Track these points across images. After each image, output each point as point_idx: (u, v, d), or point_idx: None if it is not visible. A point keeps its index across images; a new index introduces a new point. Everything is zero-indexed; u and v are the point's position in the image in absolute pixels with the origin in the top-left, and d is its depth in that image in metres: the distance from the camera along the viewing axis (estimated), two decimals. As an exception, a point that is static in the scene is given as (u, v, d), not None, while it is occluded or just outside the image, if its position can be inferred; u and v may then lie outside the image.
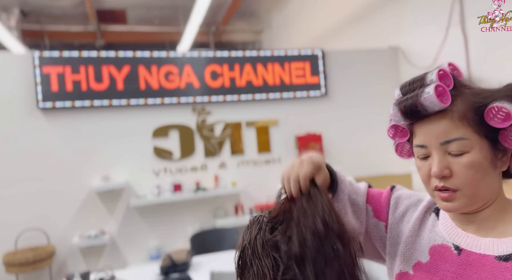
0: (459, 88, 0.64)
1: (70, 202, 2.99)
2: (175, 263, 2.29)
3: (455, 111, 0.62)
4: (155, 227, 3.18)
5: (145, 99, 3.16)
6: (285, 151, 3.50)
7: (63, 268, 2.94)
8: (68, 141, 3.01)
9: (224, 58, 3.38)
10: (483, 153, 0.61)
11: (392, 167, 3.68)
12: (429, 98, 0.61)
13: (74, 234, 2.97)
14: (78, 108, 3.02)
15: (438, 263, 0.67)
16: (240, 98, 3.39)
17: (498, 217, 0.64)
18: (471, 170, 0.61)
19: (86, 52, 3.06)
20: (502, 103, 0.59)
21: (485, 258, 0.62)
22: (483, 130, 0.61)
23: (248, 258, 0.65)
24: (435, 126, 0.63)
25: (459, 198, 0.63)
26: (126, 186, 3.09)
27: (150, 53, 3.19)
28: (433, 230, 0.71)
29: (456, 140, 0.61)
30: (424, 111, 0.63)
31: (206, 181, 3.30)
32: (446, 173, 0.62)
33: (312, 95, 3.56)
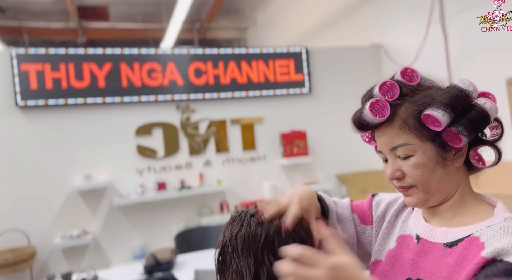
0: (406, 96, 0.69)
1: (51, 202, 2.93)
2: (159, 262, 2.28)
3: (397, 120, 0.68)
4: (139, 226, 3.15)
5: (128, 97, 3.12)
6: (270, 149, 3.51)
7: (45, 269, 2.88)
8: (48, 140, 2.95)
9: (208, 55, 3.36)
10: (427, 155, 0.67)
11: (375, 164, 3.73)
12: (366, 114, 0.70)
13: (55, 235, 2.92)
14: (59, 106, 2.96)
15: (402, 250, 0.74)
16: (225, 96, 3.37)
17: (458, 209, 0.70)
18: (417, 171, 0.67)
19: (65, 49, 2.99)
20: (431, 110, 0.64)
21: (436, 246, 0.68)
22: (424, 134, 0.66)
23: (228, 255, 0.65)
24: (383, 134, 0.71)
25: (416, 193, 0.70)
26: (109, 185, 3.05)
27: (135, 50, 3.15)
28: (405, 221, 0.78)
29: (399, 146, 0.68)
30: (368, 124, 0.71)
31: (191, 180, 3.28)
32: (398, 175, 0.70)
33: (296, 93, 3.57)
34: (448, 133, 0.65)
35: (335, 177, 3.63)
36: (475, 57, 2.74)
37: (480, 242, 0.62)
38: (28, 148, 2.89)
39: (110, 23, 6.09)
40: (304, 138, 3.49)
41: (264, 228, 0.64)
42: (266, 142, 3.51)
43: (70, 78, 2.98)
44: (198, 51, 3.34)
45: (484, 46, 2.65)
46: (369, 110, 0.69)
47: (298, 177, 3.57)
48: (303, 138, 3.49)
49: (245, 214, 0.69)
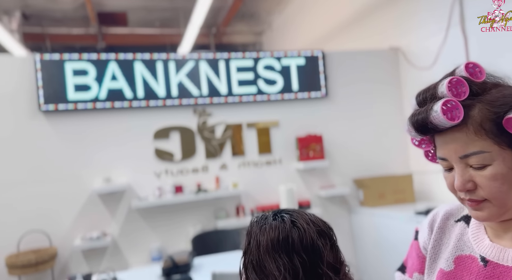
0: (477, 94, 0.61)
1: (72, 204, 3.00)
2: (176, 265, 2.30)
3: (471, 123, 0.59)
4: (157, 228, 3.19)
5: (147, 101, 3.17)
6: (286, 152, 3.51)
7: (65, 270, 2.94)
8: (70, 144, 3.02)
9: (225, 59, 3.39)
10: (507, 164, 0.58)
11: (393, 168, 3.68)
12: (437, 116, 0.59)
13: (76, 236, 2.98)
14: (80, 110, 3.04)
15: (463, 274, 0.65)
16: (243, 100, 3.40)
17: None
18: (495, 183, 0.58)
19: (87, 54, 3.07)
20: None
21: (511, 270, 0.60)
22: (504, 140, 0.57)
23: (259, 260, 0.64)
24: (452, 140, 0.61)
25: (489, 207, 0.61)
26: (128, 188, 3.11)
27: (150, 55, 3.21)
28: (461, 239, 0.69)
29: (474, 154, 0.59)
30: (436, 128, 0.61)
31: (207, 183, 3.31)
32: (470, 186, 0.61)
33: (313, 96, 3.57)
34: None
35: (351, 182, 3.59)
36: (496, 60, 2.68)
37: None
38: (50, 152, 2.97)
39: (129, 28, 6.22)
40: (320, 142, 3.48)
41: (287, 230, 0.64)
42: (282, 146, 3.50)
43: (91, 82, 3.06)
44: (214, 56, 3.37)
45: (505, 49, 2.60)
46: (441, 112, 0.58)
47: (314, 181, 3.55)
48: (319, 141, 3.48)
49: (266, 218, 0.68)
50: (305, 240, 0.63)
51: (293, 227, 0.64)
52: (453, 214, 0.74)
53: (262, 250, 0.64)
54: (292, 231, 0.63)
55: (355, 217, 3.55)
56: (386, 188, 3.42)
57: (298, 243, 0.62)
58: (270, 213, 0.69)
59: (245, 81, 3.42)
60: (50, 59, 2.98)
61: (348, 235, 3.59)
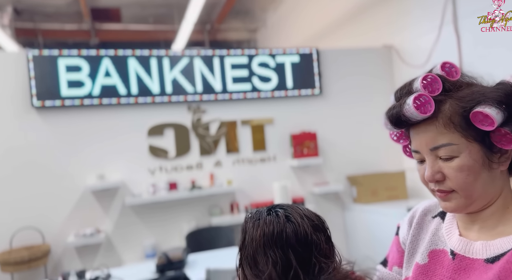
0: (449, 91, 0.64)
1: (65, 201, 2.98)
2: (170, 261, 2.31)
3: (441, 117, 0.63)
4: (151, 225, 3.18)
5: (141, 97, 3.16)
6: (280, 149, 3.52)
7: (59, 267, 2.93)
8: (63, 140, 3.00)
9: (219, 56, 3.38)
10: (472, 157, 0.61)
11: (386, 165, 3.71)
12: (409, 109, 0.63)
13: (69, 233, 2.97)
14: (73, 107, 3.02)
15: (435, 267, 0.68)
16: (237, 97, 3.39)
17: (500, 217, 0.65)
18: (462, 174, 0.62)
19: (80, 50, 3.04)
20: (483, 108, 0.59)
21: (476, 262, 0.63)
22: (471, 133, 0.61)
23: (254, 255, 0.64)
24: (424, 132, 0.65)
25: (456, 198, 0.64)
26: (122, 185, 3.10)
27: (146, 51, 3.19)
28: (436, 234, 0.72)
29: (443, 146, 0.62)
30: (408, 121, 0.65)
31: (201, 180, 3.31)
32: (438, 177, 0.64)
33: (307, 94, 3.58)
34: (499, 134, 0.60)
35: (345, 179, 3.62)
36: (489, 58, 2.71)
37: None
38: (43, 148, 2.95)
39: (122, 24, 6.17)
40: (314, 139, 3.49)
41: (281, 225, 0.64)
42: (276, 143, 3.52)
43: (85, 79, 3.04)
44: (210, 52, 3.37)
45: (498, 47, 2.63)
46: (413, 105, 0.62)
47: (308, 178, 3.57)
48: (313, 139, 3.49)
49: (260, 214, 0.68)
50: (300, 235, 0.63)
51: (287, 221, 0.64)
52: (431, 211, 0.77)
53: (256, 245, 0.64)
54: (286, 225, 0.64)
55: (348, 213, 3.58)
56: (379, 185, 3.45)
57: (293, 238, 0.63)
58: (264, 209, 0.69)
59: (240, 78, 3.42)
60: (43, 55, 2.95)
61: (341, 231, 3.62)
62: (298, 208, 0.68)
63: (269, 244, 0.63)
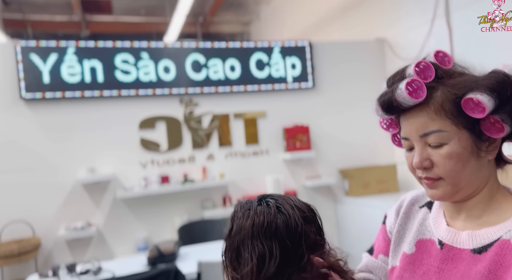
0: (442, 79, 0.64)
1: (55, 194, 2.95)
2: (162, 254, 2.30)
3: (432, 103, 0.62)
4: (143, 219, 3.17)
5: (132, 90, 3.12)
6: (273, 143, 3.52)
7: (49, 260, 2.91)
8: (52, 132, 2.97)
9: (211, 49, 3.36)
10: (462, 144, 0.61)
11: (378, 159, 3.73)
12: (401, 94, 0.63)
13: (60, 226, 2.95)
14: (63, 99, 2.97)
15: (423, 256, 0.69)
16: (230, 90, 3.37)
17: (486, 206, 0.65)
18: (450, 161, 0.62)
19: (69, 42, 3.00)
20: (475, 94, 0.59)
21: (463, 252, 0.64)
22: (462, 121, 0.61)
23: (238, 246, 0.63)
24: (414, 119, 0.64)
25: (443, 186, 0.64)
26: (113, 178, 3.07)
27: (136, 43, 3.15)
28: (423, 224, 0.72)
29: (433, 132, 0.62)
30: (400, 106, 0.64)
31: (194, 173, 3.30)
32: (427, 164, 0.64)
33: (300, 87, 3.57)
34: (489, 122, 0.60)
35: (337, 172, 3.63)
36: (480, 52, 2.72)
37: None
38: (33, 140, 2.91)
39: (113, 16, 6.08)
40: (307, 133, 3.49)
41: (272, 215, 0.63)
42: (269, 136, 3.51)
43: (75, 70, 2.99)
44: (201, 45, 3.34)
45: (489, 40, 2.64)
46: (405, 90, 0.62)
47: (300, 171, 3.57)
48: (306, 132, 3.49)
49: (251, 204, 0.67)
50: (290, 225, 0.62)
51: (278, 212, 0.63)
52: (418, 200, 0.78)
53: (244, 235, 0.63)
54: (277, 216, 0.63)
55: (340, 206, 3.60)
56: (371, 178, 3.47)
57: (284, 228, 0.62)
58: (255, 199, 0.68)
59: (232, 71, 3.40)
60: (32, 46, 2.90)
61: (333, 224, 3.64)
62: (289, 198, 0.67)
63: (258, 235, 0.62)
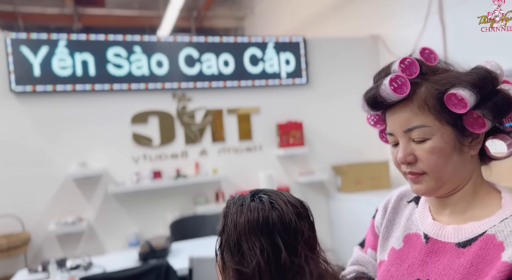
0: (426, 75, 0.65)
1: (45, 188, 2.92)
2: (153, 249, 2.29)
3: (416, 99, 0.63)
4: (135, 214, 3.15)
5: (125, 84, 3.09)
6: (266, 139, 3.51)
7: (39, 255, 2.88)
8: (43, 126, 2.93)
9: (205, 43, 3.33)
10: (444, 139, 0.62)
11: (370, 155, 3.74)
12: (385, 89, 0.64)
13: (50, 221, 2.92)
14: (54, 92, 2.93)
15: (409, 250, 0.69)
16: (224, 85, 3.35)
17: (470, 201, 0.66)
18: (433, 156, 0.63)
19: (62, 34, 2.95)
20: (457, 90, 0.60)
21: (448, 245, 0.64)
22: (445, 116, 0.62)
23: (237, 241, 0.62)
24: (399, 115, 0.66)
25: (427, 180, 0.65)
26: (104, 173, 3.05)
27: (129, 37, 3.11)
28: (410, 219, 0.73)
29: (416, 127, 0.63)
30: (384, 102, 0.66)
31: (186, 168, 3.28)
32: (410, 159, 0.65)
33: (294, 83, 3.56)
34: (471, 117, 0.61)
35: (330, 168, 3.64)
36: (473, 49, 2.73)
37: (498, 241, 0.59)
38: (23, 134, 2.87)
39: (106, 9, 6.01)
40: (300, 129, 3.49)
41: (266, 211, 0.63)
42: (262, 132, 3.50)
43: (66, 64, 2.95)
44: (195, 39, 3.31)
45: (482, 38, 2.65)
46: (389, 85, 0.63)
47: (293, 167, 3.57)
48: (299, 128, 3.49)
49: (243, 199, 0.66)
50: (284, 221, 0.62)
51: (272, 208, 0.63)
52: (406, 195, 0.79)
53: (240, 231, 0.62)
54: (271, 212, 0.62)
55: (332, 202, 3.61)
56: (363, 174, 3.48)
57: (278, 224, 0.61)
58: (247, 194, 0.67)
59: (226, 66, 3.38)
60: (22, 39, 2.85)
61: (325, 220, 3.65)
62: (282, 194, 0.67)
63: (254, 231, 0.61)
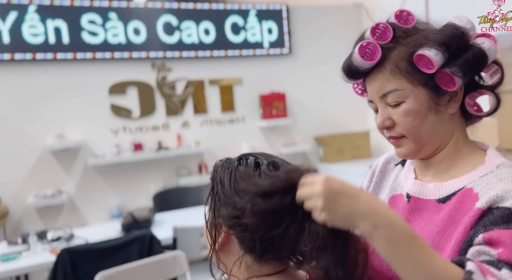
0: (400, 38, 0.64)
1: (22, 161, 2.84)
2: (136, 220, 2.28)
3: (387, 64, 0.63)
4: (116, 186, 3.11)
5: (100, 53, 2.97)
6: (249, 110, 3.48)
7: (18, 229, 2.84)
8: (17, 97, 2.81)
9: (185, 10, 3.21)
10: (418, 101, 0.62)
11: (351, 126, 3.78)
12: (355, 57, 0.64)
13: (28, 194, 2.85)
14: (26, 61, 2.80)
15: (394, 211, 0.67)
16: (202, 55, 3.27)
17: (453, 160, 0.66)
18: (408, 118, 0.63)
19: None
20: (423, 50, 0.59)
21: (429, 202, 0.65)
22: (417, 78, 0.61)
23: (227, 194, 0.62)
24: (374, 81, 0.66)
25: (407, 143, 0.66)
26: (83, 145, 2.97)
27: (105, 3, 2.96)
28: (395, 180, 0.74)
29: (390, 92, 0.63)
30: (358, 70, 0.65)
31: (168, 141, 3.24)
32: (388, 124, 0.65)
33: (276, 53, 3.50)
34: (442, 76, 0.60)
35: (312, 139, 3.66)
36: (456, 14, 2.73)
37: (474, 193, 0.59)
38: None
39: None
40: (283, 100, 3.47)
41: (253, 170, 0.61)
42: (245, 104, 3.46)
43: (38, 30, 2.80)
44: (174, 6, 3.18)
45: (465, 5, 2.64)
46: (358, 53, 0.63)
47: (276, 139, 3.58)
48: (282, 99, 3.47)
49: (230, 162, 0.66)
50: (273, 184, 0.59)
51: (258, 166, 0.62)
52: (394, 159, 0.79)
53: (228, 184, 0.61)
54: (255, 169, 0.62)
55: (315, 173, 3.65)
56: (345, 145, 3.52)
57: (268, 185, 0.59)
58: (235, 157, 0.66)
59: (207, 35, 3.28)
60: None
61: (308, 190, 3.71)
62: (270, 156, 0.66)
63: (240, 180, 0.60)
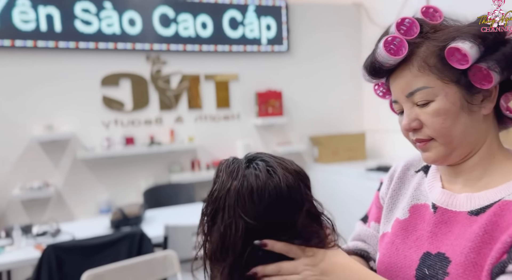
0: (427, 34, 0.59)
1: (7, 152, 2.73)
2: (126, 217, 2.21)
3: (415, 60, 0.58)
4: (106, 181, 3.03)
5: (93, 42, 2.87)
6: (244, 107, 3.42)
7: (2, 222, 2.73)
8: (6, 86, 2.71)
9: (181, 2, 3.13)
10: (449, 99, 0.57)
11: (347, 127, 3.75)
12: (380, 52, 0.59)
13: (14, 186, 2.75)
14: (16, 48, 2.69)
15: (416, 221, 0.65)
16: (200, 49, 3.19)
17: (487, 166, 0.60)
18: (438, 118, 0.57)
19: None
20: (457, 43, 0.54)
21: (459, 215, 0.60)
22: (447, 74, 0.56)
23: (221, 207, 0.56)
24: (399, 79, 0.61)
25: (435, 147, 0.60)
26: (72, 137, 2.88)
27: (99, -9, 2.87)
28: (418, 188, 0.69)
29: (418, 90, 0.58)
30: (382, 66, 0.61)
31: (161, 135, 3.16)
32: (415, 125, 0.60)
33: (274, 50, 3.45)
34: (476, 72, 0.55)
35: (308, 139, 3.62)
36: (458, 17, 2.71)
37: None
38: (-20, 93, 2.64)
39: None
40: (279, 98, 3.42)
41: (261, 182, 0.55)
42: (240, 101, 3.41)
43: (29, 17, 2.69)
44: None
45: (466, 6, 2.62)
46: (383, 47, 0.58)
47: (271, 137, 3.53)
48: (278, 98, 3.42)
49: (237, 163, 0.58)
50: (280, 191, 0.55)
51: (270, 177, 0.56)
52: (414, 165, 0.73)
53: (229, 199, 0.55)
54: (268, 181, 0.55)
55: (309, 173, 3.56)
56: (340, 146, 3.49)
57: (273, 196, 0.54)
58: (242, 159, 0.59)
59: (204, 29, 3.21)
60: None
61: (301, 190, 3.67)
62: (282, 161, 0.59)
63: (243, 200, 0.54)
